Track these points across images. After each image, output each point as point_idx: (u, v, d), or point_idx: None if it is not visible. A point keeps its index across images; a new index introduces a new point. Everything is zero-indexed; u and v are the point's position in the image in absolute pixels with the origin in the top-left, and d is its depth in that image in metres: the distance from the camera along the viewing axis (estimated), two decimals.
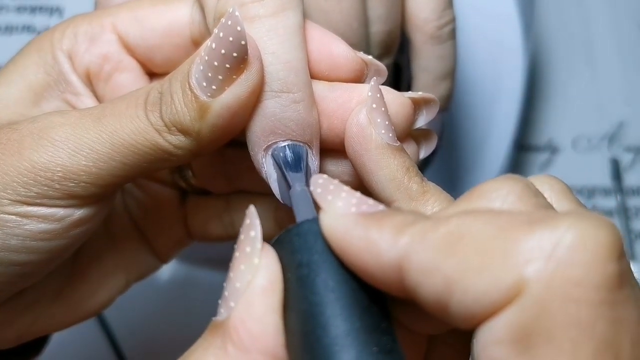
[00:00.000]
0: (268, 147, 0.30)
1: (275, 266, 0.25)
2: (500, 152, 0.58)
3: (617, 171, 0.65)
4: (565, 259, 0.20)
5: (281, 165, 0.30)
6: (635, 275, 0.22)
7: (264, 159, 0.30)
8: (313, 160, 0.30)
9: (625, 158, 0.66)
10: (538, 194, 0.24)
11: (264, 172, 0.30)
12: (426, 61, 0.41)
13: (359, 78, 0.31)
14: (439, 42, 0.41)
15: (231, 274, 0.25)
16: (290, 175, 0.30)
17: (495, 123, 0.57)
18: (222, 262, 0.60)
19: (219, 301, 0.25)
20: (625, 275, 0.21)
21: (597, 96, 0.68)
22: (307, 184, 0.29)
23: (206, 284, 0.59)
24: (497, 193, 0.24)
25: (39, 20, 0.69)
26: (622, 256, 0.21)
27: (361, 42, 0.37)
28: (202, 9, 0.32)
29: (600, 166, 0.66)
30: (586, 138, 0.67)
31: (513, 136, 0.57)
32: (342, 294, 0.24)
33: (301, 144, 0.30)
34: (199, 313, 0.60)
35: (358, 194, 0.25)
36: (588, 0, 0.71)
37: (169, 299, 0.60)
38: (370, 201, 0.25)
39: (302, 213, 0.28)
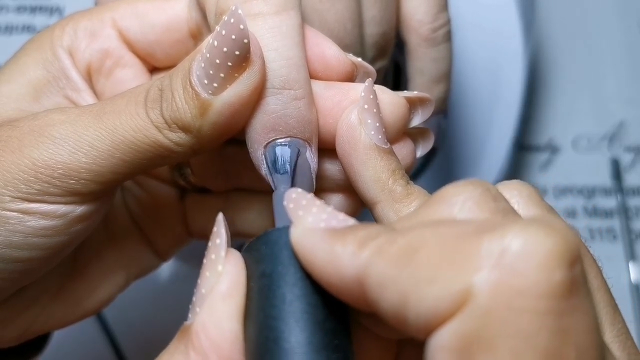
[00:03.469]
0: (268, 144, 0.30)
1: (238, 273, 0.25)
2: (500, 152, 0.58)
3: (617, 171, 0.65)
4: (510, 266, 0.20)
5: (268, 166, 0.30)
6: (634, 276, 0.21)
7: (263, 156, 0.30)
8: (312, 158, 0.30)
9: (626, 158, 0.66)
10: (498, 199, 0.24)
11: (263, 169, 0.30)
12: (421, 63, 0.41)
13: (349, 80, 0.32)
14: (434, 44, 0.41)
15: (199, 281, 0.26)
16: (275, 177, 0.30)
17: (495, 123, 0.57)
18: None
19: (190, 306, 0.26)
20: (575, 283, 0.20)
21: (597, 96, 0.68)
22: (293, 186, 0.30)
23: None
24: (456, 198, 0.24)
25: (39, 20, 0.69)
26: (574, 264, 0.20)
27: (356, 44, 0.37)
28: (199, 4, 0.32)
29: (601, 166, 0.66)
30: (586, 138, 0.67)
31: (513, 136, 0.57)
32: (297, 308, 0.24)
33: (299, 140, 0.30)
34: None
35: (329, 209, 0.25)
36: (588, 0, 0.71)
37: (169, 298, 0.59)
38: (341, 216, 0.25)
39: (280, 218, 0.28)
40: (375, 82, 0.31)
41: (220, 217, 0.27)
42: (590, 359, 0.21)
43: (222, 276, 0.25)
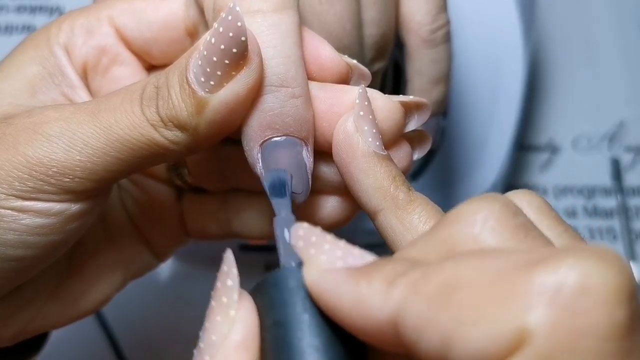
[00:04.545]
0: (264, 142, 0.29)
1: (252, 320, 0.24)
2: (500, 152, 0.58)
3: (617, 171, 0.65)
4: (568, 305, 0.19)
5: (267, 191, 0.29)
6: (636, 276, 0.21)
7: (259, 154, 0.30)
8: (308, 158, 0.30)
9: (626, 158, 0.66)
10: (518, 213, 0.23)
11: (258, 167, 0.30)
12: (420, 64, 0.41)
13: (343, 81, 0.31)
14: (433, 45, 0.41)
15: (207, 324, 0.24)
16: (275, 202, 0.29)
17: (495, 123, 0.57)
18: (221, 260, 0.60)
19: (194, 351, 0.24)
20: (635, 319, 0.19)
21: (597, 96, 0.68)
22: (293, 210, 0.29)
23: (205, 283, 0.59)
24: (474, 217, 0.23)
25: (39, 20, 0.69)
26: (632, 297, 0.19)
27: (355, 45, 0.37)
28: (196, 1, 0.32)
29: (601, 166, 0.66)
30: (586, 138, 0.67)
31: (513, 136, 0.57)
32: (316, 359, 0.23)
33: (295, 138, 0.29)
34: (198, 312, 0.59)
35: (342, 243, 0.24)
36: (588, 0, 0.71)
37: (168, 297, 0.59)
38: (357, 251, 0.23)
39: (286, 251, 0.26)
40: (374, 83, 0.31)
41: (229, 254, 0.25)
42: None
43: (236, 323, 0.24)
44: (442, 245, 0.23)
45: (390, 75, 0.48)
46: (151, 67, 0.36)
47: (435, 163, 0.57)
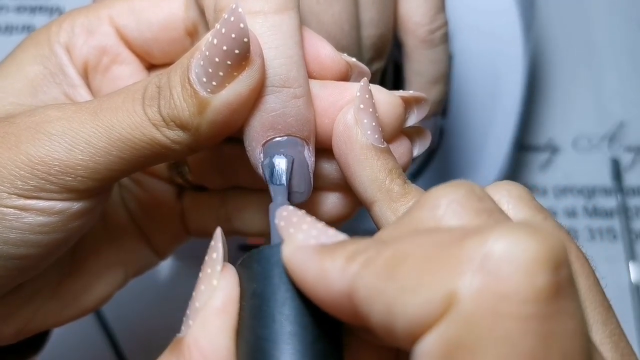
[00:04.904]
0: (266, 142, 0.30)
1: (233, 289, 0.25)
2: (500, 152, 0.58)
3: (617, 171, 0.65)
4: (493, 271, 0.20)
5: (265, 178, 0.30)
6: (634, 276, 0.21)
7: (261, 154, 0.30)
8: (310, 156, 0.30)
9: (626, 158, 0.66)
10: (483, 199, 0.24)
11: (260, 168, 0.30)
12: (418, 65, 0.41)
13: (343, 79, 0.32)
14: (431, 46, 0.41)
15: (193, 294, 0.26)
16: (272, 188, 0.30)
17: (495, 123, 0.57)
18: None
19: (184, 318, 0.26)
20: (561, 287, 0.20)
21: (597, 96, 0.68)
22: (290, 198, 0.30)
23: None
24: (439, 201, 0.23)
25: (39, 20, 0.69)
26: (558, 267, 0.20)
27: (353, 45, 0.37)
28: (197, 1, 0.32)
29: (601, 166, 0.66)
30: (586, 138, 0.67)
31: (513, 136, 0.57)
32: (287, 330, 0.24)
33: (297, 138, 0.30)
34: None
35: (320, 225, 0.25)
36: (588, 0, 0.71)
37: (168, 296, 0.59)
38: (331, 232, 0.25)
39: (275, 233, 0.28)
40: (372, 83, 0.31)
41: (218, 231, 0.27)
42: None
43: (217, 291, 0.25)
44: (407, 227, 0.24)
45: (390, 75, 0.48)
46: (151, 67, 0.36)
47: (435, 163, 0.57)
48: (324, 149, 0.31)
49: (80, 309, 0.36)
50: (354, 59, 0.32)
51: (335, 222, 0.34)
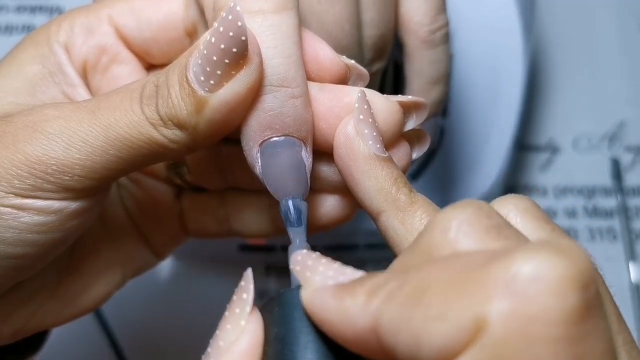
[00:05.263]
0: (263, 142, 0.29)
1: (258, 333, 0.25)
2: (500, 152, 0.58)
3: (617, 171, 0.65)
4: (522, 293, 0.19)
5: (282, 219, 0.30)
6: (634, 276, 0.21)
7: (258, 154, 0.30)
8: (307, 158, 0.30)
9: (626, 158, 0.66)
10: (491, 215, 0.24)
11: (257, 167, 0.30)
12: (419, 65, 0.41)
13: (341, 82, 0.32)
14: (432, 46, 0.41)
15: (217, 332, 0.26)
16: (290, 231, 0.30)
17: (495, 123, 0.57)
18: (221, 260, 0.60)
19: (202, 356, 0.26)
20: (590, 306, 0.20)
21: (597, 96, 0.68)
22: (307, 238, 0.30)
23: (205, 282, 0.59)
24: (449, 223, 0.23)
25: (39, 20, 0.69)
26: (587, 286, 0.20)
27: (353, 46, 0.37)
28: (196, 0, 0.32)
29: (601, 166, 0.66)
30: (586, 138, 0.67)
31: (513, 136, 0.57)
32: None
33: (294, 138, 0.29)
34: (198, 311, 0.60)
35: (336, 265, 0.25)
36: (588, 0, 0.71)
37: (168, 297, 0.59)
38: (348, 270, 0.25)
39: (294, 274, 0.28)
40: (373, 84, 0.31)
41: (249, 272, 0.26)
42: None
43: (244, 334, 0.25)
44: (421, 254, 0.24)
45: (390, 75, 0.48)
46: (151, 67, 0.36)
47: (435, 163, 0.57)
48: (321, 152, 0.31)
49: (79, 309, 0.36)
50: (352, 61, 0.32)
51: (334, 224, 0.34)
